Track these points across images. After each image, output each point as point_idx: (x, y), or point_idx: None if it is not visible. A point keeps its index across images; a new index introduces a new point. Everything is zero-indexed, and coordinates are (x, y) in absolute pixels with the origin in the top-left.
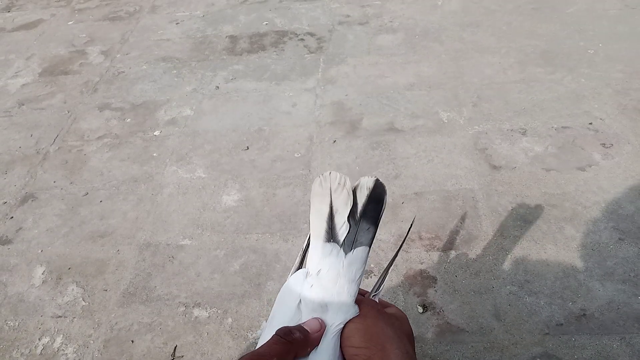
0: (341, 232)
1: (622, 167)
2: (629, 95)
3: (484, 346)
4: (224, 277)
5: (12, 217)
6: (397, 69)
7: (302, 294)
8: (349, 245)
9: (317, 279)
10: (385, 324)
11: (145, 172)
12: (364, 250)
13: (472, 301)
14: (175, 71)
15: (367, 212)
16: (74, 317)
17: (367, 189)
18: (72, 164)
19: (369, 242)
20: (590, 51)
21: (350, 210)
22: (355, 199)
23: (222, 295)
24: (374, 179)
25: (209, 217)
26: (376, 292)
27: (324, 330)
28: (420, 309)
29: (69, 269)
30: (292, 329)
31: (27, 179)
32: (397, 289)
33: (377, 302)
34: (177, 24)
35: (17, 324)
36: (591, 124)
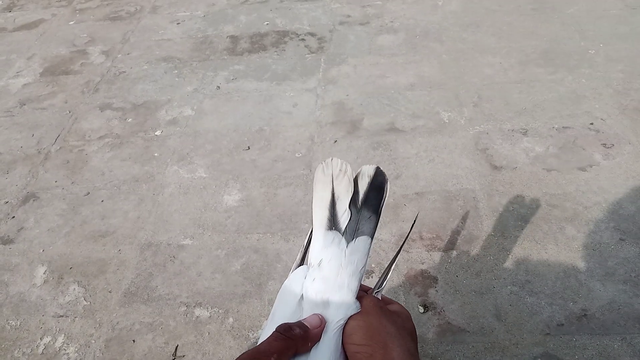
0: (343, 219)
1: (623, 167)
2: (629, 95)
3: (484, 346)
4: (225, 277)
5: (13, 217)
6: (397, 69)
7: (303, 289)
8: (350, 234)
9: (318, 271)
10: (387, 321)
11: (146, 172)
12: (366, 240)
13: (473, 301)
14: (176, 71)
15: (369, 200)
16: (76, 317)
17: (368, 177)
18: (74, 164)
19: (371, 232)
20: (591, 51)
21: (351, 197)
22: (356, 187)
23: (223, 295)
24: (375, 167)
25: (210, 217)
26: (379, 289)
27: (325, 326)
28: (421, 309)
29: (71, 268)
30: (292, 325)
31: (28, 179)
32: (398, 289)
33: (379, 299)
34: (178, 24)
35: (18, 323)
36: (592, 124)
